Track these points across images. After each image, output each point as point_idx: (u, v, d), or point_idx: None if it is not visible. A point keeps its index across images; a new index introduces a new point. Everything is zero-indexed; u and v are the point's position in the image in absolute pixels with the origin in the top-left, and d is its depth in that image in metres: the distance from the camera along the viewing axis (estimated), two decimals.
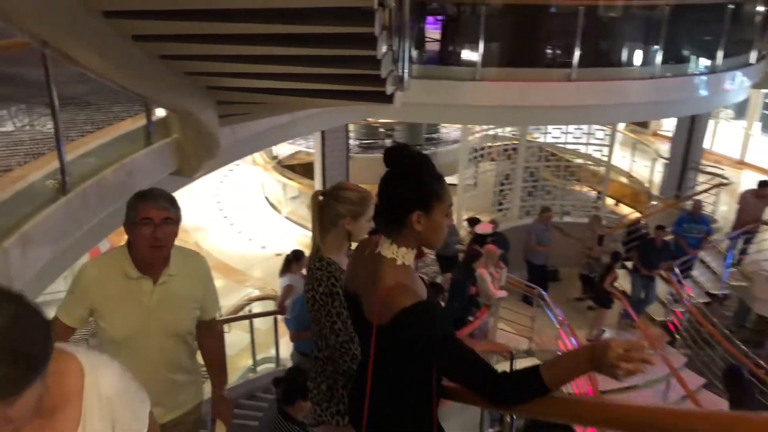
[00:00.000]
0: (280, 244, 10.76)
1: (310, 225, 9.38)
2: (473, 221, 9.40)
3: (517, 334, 8.62)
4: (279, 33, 3.39)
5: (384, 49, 3.51)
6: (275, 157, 13.88)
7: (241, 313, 7.05)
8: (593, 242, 9.68)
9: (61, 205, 3.43)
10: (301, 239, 11.10)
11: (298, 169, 13.33)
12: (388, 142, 14.87)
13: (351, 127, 14.21)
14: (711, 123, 14.57)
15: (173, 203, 2.40)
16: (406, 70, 4.24)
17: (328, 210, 2.55)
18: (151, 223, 2.31)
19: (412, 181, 1.83)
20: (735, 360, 8.85)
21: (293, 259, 6.41)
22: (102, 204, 3.90)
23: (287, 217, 12.48)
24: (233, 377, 6.17)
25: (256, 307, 7.63)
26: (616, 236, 10.79)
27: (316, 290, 2.44)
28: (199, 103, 4.27)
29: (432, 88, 7.57)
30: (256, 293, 8.34)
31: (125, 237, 2.55)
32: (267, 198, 13.23)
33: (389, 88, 4.03)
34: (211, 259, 9.97)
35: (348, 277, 2.16)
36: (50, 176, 3.51)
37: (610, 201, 13.10)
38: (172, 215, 2.36)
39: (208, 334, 2.71)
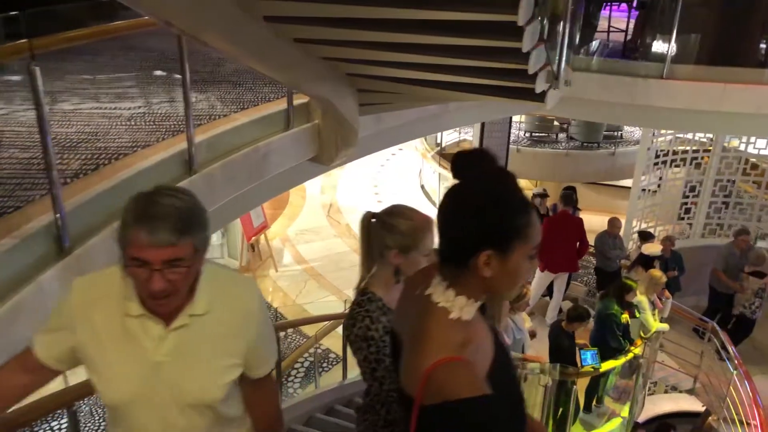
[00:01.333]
0: None
1: None
2: (645, 235, 8.37)
3: (680, 370, 7.57)
4: (415, 19, 3.06)
5: (533, 41, 3.02)
6: (439, 144, 13.60)
7: None
8: None
9: (184, 186, 3.43)
10: None
11: None
12: (561, 136, 13.92)
13: (522, 117, 13.55)
14: None
15: (190, 227, 1.48)
16: (563, 66, 3.67)
17: (376, 237, 2.11)
18: (148, 266, 1.45)
19: (487, 208, 1.31)
20: None
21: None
22: (229, 187, 3.88)
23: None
24: (352, 374, 6.01)
25: None
26: None
27: (350, 330, 2.04)
28: (336, 89, 4.08)
29: (609, 84, 6.73)
30: None
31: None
32: (423, 186, 12.99)
33: (540, 86, 3.51)
34: (357, 244, 10.01)
35: (396, 315, 1.72)
36: (178, 156, 3.53)
37: None
38: (183, 253, 1.46)
39: (258, 393, 1.81)
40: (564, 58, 3.69)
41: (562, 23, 3.63)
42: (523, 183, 13.37)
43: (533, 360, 5.00)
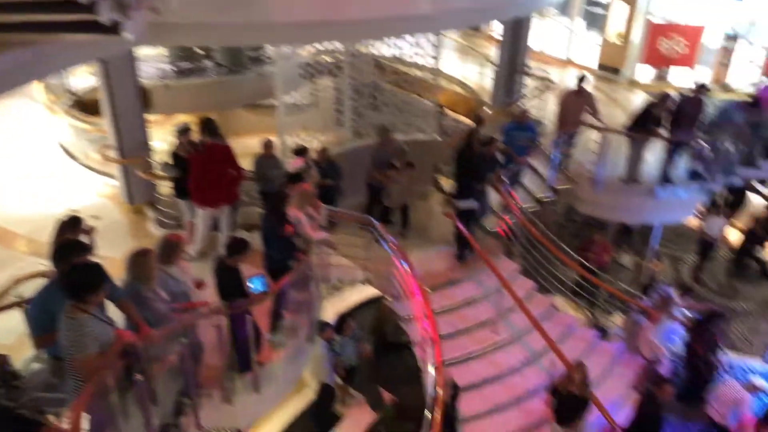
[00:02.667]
0: (77, 198, 9.25)
1: (112, 172, 7.93)
2: (298, 151, 8.63)
3: (354, 266, 8.22)
4: None
5: None
6: (70, 92, 11.97)
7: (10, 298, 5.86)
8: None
9: None
10: (104, 190, 9.69)
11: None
12: (209, 63, 13.46)
13: (163, 50, 12.71)
14: (538, 22, 14.65)
15: None
16: None
17: None
18: None
19: None
20: (562, 262, 9.18)
21: (69, 224, 5.35)
22: None
23: (85, 165, 10.69)
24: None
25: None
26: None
27: None
28: None
29: (222, 5, 6.48)
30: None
31: None
32: (60, 143, 11.31)
33: (105, 16, 3.08)
34: None
35: None
36: None
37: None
38: None
39: None
40: None
41: None
42: (183, 118, 12.70)
43: (198, 306, 4.83)
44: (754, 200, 12.96)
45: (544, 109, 12.02)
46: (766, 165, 10.72)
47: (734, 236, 12.35)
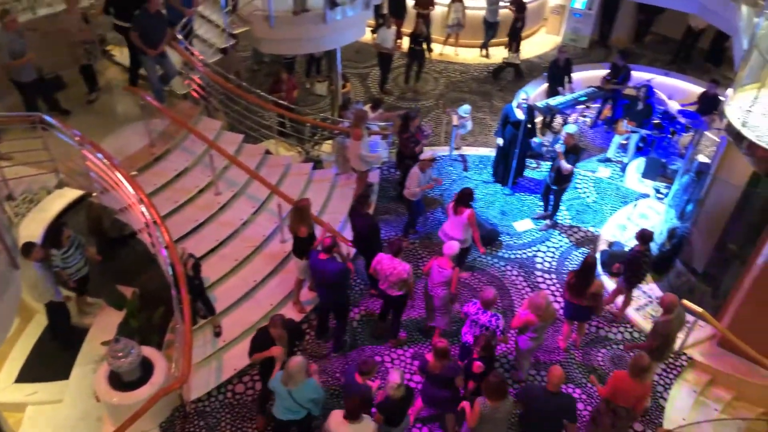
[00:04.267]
0: None
1: None
2: None
3: (41, 172, 7.26)
4: None
5: None
6: None
7: None
8: (77, 23, 8.43)
9: None
10: None
11: None
12: None
13: None
14: None
15: None
16: None
17: None
18: None
19: None
20: (261, 107, 9.25)
21: None
22: None
23: None
24: None
25: None
26: None
27: None
28: None
29: None
30: None
31: None
32: None
33: None
34: None
35: None
36: None
37: None
38: None
39: None
40: None
41: None
42: None
43: None
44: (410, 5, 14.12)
45: None
46: None
47: (405, 42, 13.54)
